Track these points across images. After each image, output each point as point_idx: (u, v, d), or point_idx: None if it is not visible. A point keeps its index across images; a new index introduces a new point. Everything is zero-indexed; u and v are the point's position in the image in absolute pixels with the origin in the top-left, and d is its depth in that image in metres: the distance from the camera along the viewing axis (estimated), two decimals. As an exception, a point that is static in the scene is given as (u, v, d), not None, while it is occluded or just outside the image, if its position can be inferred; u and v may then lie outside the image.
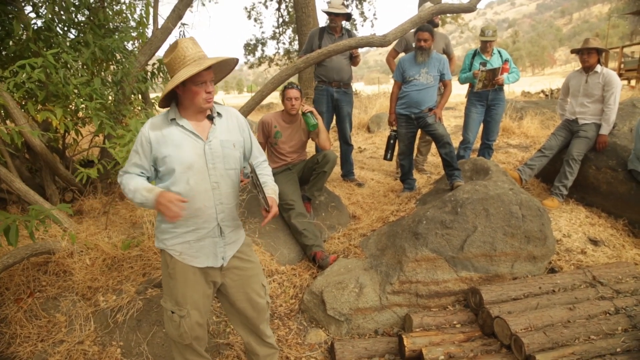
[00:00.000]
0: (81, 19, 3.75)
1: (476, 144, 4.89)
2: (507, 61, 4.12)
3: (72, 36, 3.70)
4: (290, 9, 14.62)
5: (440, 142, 3.47)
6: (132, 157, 1.68)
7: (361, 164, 5.39)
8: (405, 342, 2.25)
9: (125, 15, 4.12)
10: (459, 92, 7.83)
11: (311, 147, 4.38)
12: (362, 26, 15.32)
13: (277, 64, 16.21)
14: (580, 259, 2.97)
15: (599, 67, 3.60)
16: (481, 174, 3.31)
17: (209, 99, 1.64)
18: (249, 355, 2.06)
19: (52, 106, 3.08)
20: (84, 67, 3.58)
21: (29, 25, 3.28)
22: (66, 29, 3.65)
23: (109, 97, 3.59)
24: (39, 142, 3.24)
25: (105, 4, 3.82)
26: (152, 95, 4.38)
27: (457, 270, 2.66)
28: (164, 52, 2.17)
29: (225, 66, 1.75)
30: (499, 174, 3.17)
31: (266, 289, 1.93)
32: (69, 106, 3.32)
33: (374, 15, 14.85)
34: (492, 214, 2.75)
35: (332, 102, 4.19)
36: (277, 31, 15.54)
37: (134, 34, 3.99)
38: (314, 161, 3.42)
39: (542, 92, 11.81)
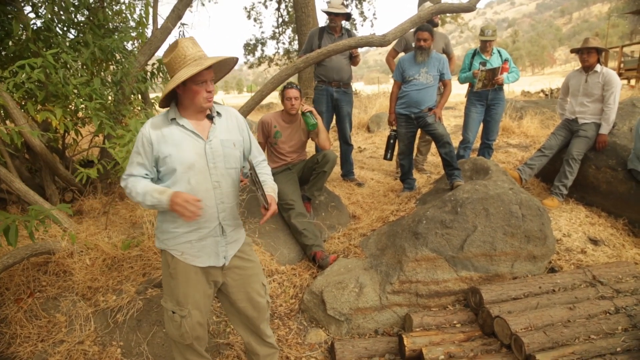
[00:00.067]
0: (81, 19, 3.75)
1: (476, 144, 4.88)
2: (506, 61, 4.12)
3: (71, 36, 3.70)
4: (289, 9, 14.61)
5: (440, 141, 3.47)
6: (134, 158, 1.66)
7: (361, 163, 5.39)
8: (405, 342, 2.25)
9: (124, 15, 4.11)
10: (459, 91, 7.83)
11: (311, 147, 4.38)
12: (361, 26, 15.30)
13: (276, 64, 16.19)
14: (580, 259, 2.97)
15: (598, 67, 3.61)
16: (481, 173, 3.31)
17: (210, 98, 1.65)
18: (249, 355, 2.06)
19: (51, 106, 3.08)
20: (84, 67, 3.58)
21: (29, 25, 3.28)
22: (66, 29, 3.65)
23: (109, 97, 3.59)
24: (38, 142, 3.24)
25: (104, 4, 3.82)
26: (151, 95, 4.37)
27: (457, 269, 2.66)
28: (163, 52, 2.16)
29: (225, 65, 1.75)
30: (499, 174, 3.16)
31: (266, 288, 1.94)
32: (69, 106, 3.32)
33: (374, 15, 14.83)
34: (492, 214, 2.75)
35: (332, 102, 4.19)
36: (276, 31, 15.52)
37: (133, 34, 3.98)
38: (313, 161, 3.42)
39: (542, 91, 11.81)
